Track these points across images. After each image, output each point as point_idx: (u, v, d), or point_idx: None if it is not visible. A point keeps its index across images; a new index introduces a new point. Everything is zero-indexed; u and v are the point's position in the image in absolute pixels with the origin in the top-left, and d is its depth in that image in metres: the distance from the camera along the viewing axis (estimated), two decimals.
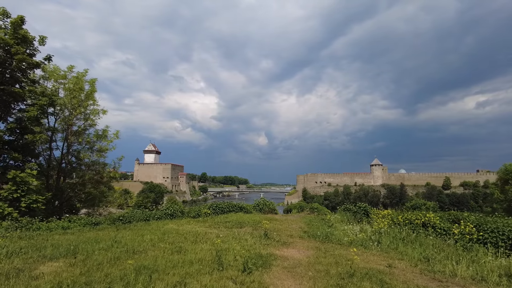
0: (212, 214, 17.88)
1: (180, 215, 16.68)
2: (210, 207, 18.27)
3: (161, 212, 16.19)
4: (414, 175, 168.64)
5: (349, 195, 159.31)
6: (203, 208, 18.10)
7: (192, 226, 14.24)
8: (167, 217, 16.13)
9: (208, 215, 17.59)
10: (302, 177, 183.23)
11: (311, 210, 21.75)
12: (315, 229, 14.22)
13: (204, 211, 17.14)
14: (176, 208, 16.77)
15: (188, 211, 17.39)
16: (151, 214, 15.81)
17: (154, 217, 15.72)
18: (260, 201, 21.13)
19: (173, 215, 16.35)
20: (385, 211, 13.61)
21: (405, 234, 11.47)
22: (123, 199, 25.76)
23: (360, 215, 18.45)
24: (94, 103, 24.82)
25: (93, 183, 25.64)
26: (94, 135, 25.76)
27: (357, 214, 18.60)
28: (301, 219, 18.46)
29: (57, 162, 24.61)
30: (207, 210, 17.79)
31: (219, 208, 18.42)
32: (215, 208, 18.32)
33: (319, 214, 20.89)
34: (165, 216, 16.08)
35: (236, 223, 15.18)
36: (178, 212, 16.64)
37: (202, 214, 17.05)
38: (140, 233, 11.92)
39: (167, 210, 16.44)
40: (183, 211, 17.07)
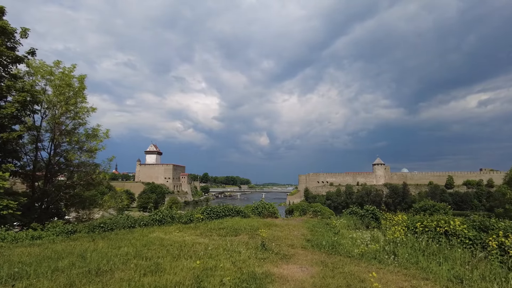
0: (206, 219, 16.20)
1: (170, 221, 15.00)
2: (204, 211, 16.58)
3: (148, 218, 14.50)
4: (417, 174, 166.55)
5: (351, 194, 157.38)
6: (196, 212, 16.42)
7: (180, 234, 12.57)
8: (155, 223, 14.46)
9: (201, 220, 15.92)
10: (304, 177, 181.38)
11: (314, 213, 20.05)
12: (319, 237, 12.51)
13: (197, 216, 15.44)
14: (165, 213, 15.08)
15: (179, 216, 15.69)
16: (137, 220, 14.14)
17: (140, 224, 14.06)
18: (259, 204, 19.42)
19: (162, 221, 14.67)
20: (399, 216, 11.89)
21: (425, 245, 9.77)
22: (117, 201, 23.94)
23: (368, 219, 16.74)
24: (83, 101, 23.21)
25: (81, 185, 24.02)
26: (83, 134, 24.20)
27: (365, 218, 16.90)
28: (303, 223, 16.77)
29: (45, 163, 23.04)
30: (200, 214, 16.11)
31: (214, 212, 16.73)
32: (209, 212, 16.62)
33: (323, 218, 19.19)
34: (152, 222, 14.41)
35: (231, 230, 13.51)
36: (167, 217, 14.96)
37: (194, 220, 15.36)
38: (118, 244, 10.26)
39: (155, 215, 14.75)
40: (173, 216, 15.38)
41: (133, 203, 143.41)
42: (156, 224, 14.41)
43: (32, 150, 22.56)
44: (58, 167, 23.13)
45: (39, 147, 22.69)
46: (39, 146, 22.62)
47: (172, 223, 15.10)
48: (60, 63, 22.35)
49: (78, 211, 23.45)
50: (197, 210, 17.19)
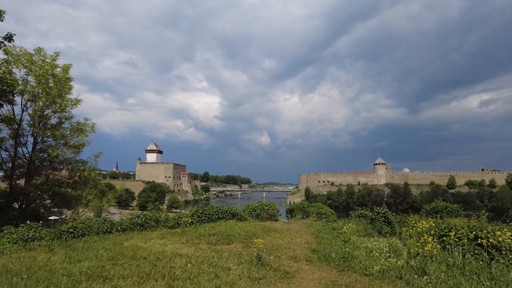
0: (196, 222, 14.17)
1: (153, 225, 12.97)
2: (194, 214, 14.54)
3: (129, 222, 12.47)
4: (418, 174, 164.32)
5: (353, 194, 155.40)
6: (184, 216, 14.37)
7: (162, 242, 10.56)
8: (136, 227, 12.43)
9: (191, 224, 13.89)
10: (305, 176, 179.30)
11: (318, 215, 18.00)
12: (327, 246, 10.47)
13: (185, 219, 13.38)
14: (148, 216, 13.05)
15: (165, 219, 13.66)
16: (114, 224, 12.11)
17: (118, 228, 12.03)
18: (257, 205, 17.36)
19: (144, 225, 12.64)
20: (423, 222, 9.80)
21: (462, 261, 7.72)
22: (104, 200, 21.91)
23: (380, 223, 14.68)
24: (67, 92, 21.18)
25: (67, 184, 21.99)
26: (69, 128, 22.18)
27: (376, 222, 14.84)
28: (306, 228, 14.73)
29: (26, 160, 21.04)
30: (189, 218, 14.06)
31: (206, 215, 14.68)
32: (200, 215, 14.57)
33: (328, 221, 17.15)
34: (133, 227, 12.38)
35: (223, 236, 11.48)
36: (151, 221, 12.93)
37: (182, 224, 13.32)
38: (79, 256, 8.24)
39: (136, 218, 12.71)
40: (157, 220, 13.34)
41: (133, 202, 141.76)
42: (138, 229, 12.39)
43: (13, 145, 20.59)
44: (41, 164, 21.12)
45: (21, 142, 20.71)
46: (21, 141, 20.65)
47: (157, 228, 13.09)
48: (42, 50, 20.33)
49: (62, 212, 21.43)
50: (186, 212, 15.15)
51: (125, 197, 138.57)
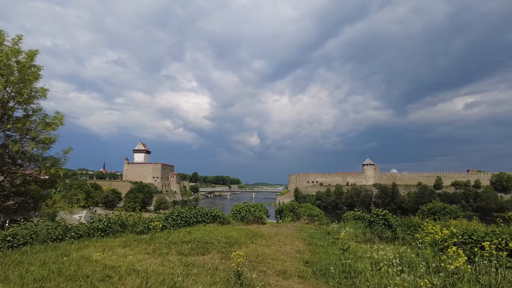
0: (171, 226, 12.15)
1: (119, 230, 10.93)
2: (169, 217, 12.51)
3: (87, 227, 10.40)
4: (406, 174, 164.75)
5: (341, 195, 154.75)
6: (156, 219, 12.31)
7: (123, 252, 8.55)
8: (96, 233, 10.37)
9: (164, 228, 11.88)
10: (294, 176, 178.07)
11: (310, 218, 16.14)
12: (323, 256, 8.61)
13: (154, 224, 11.32)
14: (113, 220, 10.99)
15: (133, 223, 11.61)
16: (70, 230, 10.03)
17: (73, 234, 9.95)
18: (243, 207, 15.40)
19: (107, 230, 10.59)
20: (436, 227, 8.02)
21: (496, 279, 5.97)
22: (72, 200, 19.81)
23: (380, 226, 12.91)
24: (33, 81, 18.87)
25: (31, 182, 19.70)
26: (35, 121, 19.85)
27: (375, 226, 13.06)
28: (297, 232, 12.88)
29: None
30: (160, 222, 12.02)
31: (182, 218, 12.66)
32: (176, 218, 12.53)
33: (321, 224, 15.34)
34: (92, 232, 10.32)
35: (199, 244, 9.53)
36: (115, 225, 10.88)
37: (152, 228, 11.28)
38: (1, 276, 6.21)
39: (97, 223, 10.63)
40: (124, 224, 11.28)
41: (120, 202, 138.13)
42: (98, 235, 10.33)
43: None
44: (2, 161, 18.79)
45: None
46: None
47: (122, 233, 11.04)
48: (3, 34, 18.02)
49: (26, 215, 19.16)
50: (159, 215, 13.11)
51: (112, 197, 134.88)
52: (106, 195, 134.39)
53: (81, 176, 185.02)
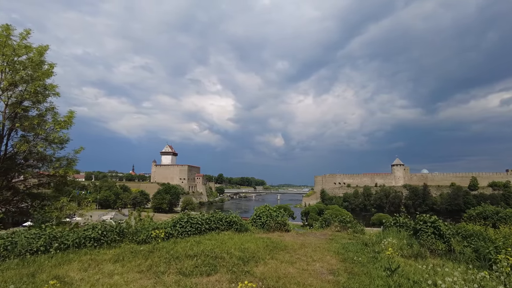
0: (179, 235, 10.34)
1: (116, 239, 9.24)
2: (177, 223, 10.73)
3: (77, 235, 8.73)
4: (438, 175, 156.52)
5: (370, 196, 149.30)
6: (162, 226, 10.50)
7: (111, 270, 6.78)
8: (88, 243, 8.70)
9: (170, 237, 10.08)
10: (320, 178, 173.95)
11: (342, 224, 13.81)
12: (364, 279, 6.44)
13: (155, 233, 9.50)
14: (109, 228, 9.29)
15: (134, 231, 9.87)
16: (57, 239, 8.40)
17: (61, 246, 8.31)
18: (263, 211, 13.35)
19: (101, 240, 8.91)
20: None
21: None
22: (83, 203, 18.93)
23: (429, 236, 10.49)
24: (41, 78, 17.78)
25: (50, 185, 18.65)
26: (51, 122, 18.80)
27: (423, 235, 10.65)
28: (328, 243, 10.71)
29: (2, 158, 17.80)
30: (169, 228, 10.24)
31: (192, 225, 10.82)
32: (185, 224, 10.71)
33: (355, 232, 13.04)
34: (84, 243, 8.66)
35: (207, 259, 7.62)
36: (111, 233, 9.19)
37: (152, 238, 9.49)
38: None
39: (89, 231, 8.94)
40: (122, 232, 9.56)
41: (148, 203, 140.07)
42: (90, 245, 8.65)
43: None
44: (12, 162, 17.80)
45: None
46: None
47: (121, 243, 9.33)
48: (10, 28, 17.04)
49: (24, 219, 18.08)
50: (167, 220, 11.30)
51: (140, 199, 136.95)
52: (134, 196, 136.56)
53: (111, 178, 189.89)
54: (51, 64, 18.94)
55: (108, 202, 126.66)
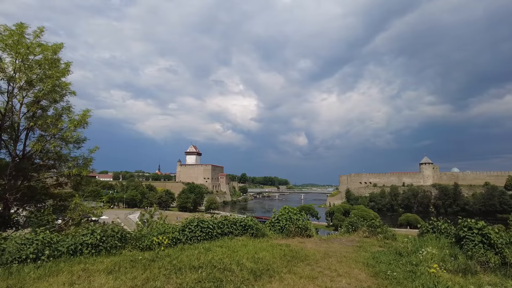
0: (186, 240, 9.32)
1: (117, 245, 8.33)
2: (187, 227, 9.71)
3: (73, 241, 7.86)
4: (470, 174, 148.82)
5: (397, 196, 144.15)
6: (171, 230, 9.49)
7: (101, 284, 5.83)
8: (85, 249, 7.82)
9: (177, 243, 9.07)
10: (345, 177, 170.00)
11: (370, 229, 12.30)
12: None
13: (158, 239, 8.51)
14: (109, 233, 8.37)
15: (137, 236, 8.93)
16: (51, 246, 7.56)
17: (54, 253, 7.47)
18: (282, 214, 12.12)
19: (99, 247, 8.01)
20: None
21: None
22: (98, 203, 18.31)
23: (476, 246, 8.89)
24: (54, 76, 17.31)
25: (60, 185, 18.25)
26: (69, 121, 18.39)
27: (468, 244, 9.07)
28: (355, 252, 9.34)
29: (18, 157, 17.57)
30: (177, 233, 9.24)
31: (203, 229, 9.77)
32: (194, 229, 9.67)
33: (386, 238, 11.55)
34: (80, 249, 7.78)
35: (214, 271, 6.53)
36: (112, 239, 8.28)
37: (155, 244, 8.48)
38: None
39: (86, 236, 8.04)
40: (124, 238, 8.62)
41: (173, 202, 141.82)
42: (88, 252, 7.77)
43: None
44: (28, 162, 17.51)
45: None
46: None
47: (122, 249, 8.40)
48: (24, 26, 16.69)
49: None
50: (177, 223, 10.29)
51: (165, 198, 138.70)
52: (160, 195, 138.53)
53: (137, 178, 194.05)
54: (67, 62, 18.54)
55: (134, 202, 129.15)
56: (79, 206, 15.70)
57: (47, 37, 17.25)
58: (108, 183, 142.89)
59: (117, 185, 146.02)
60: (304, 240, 10.91)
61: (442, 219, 11.25)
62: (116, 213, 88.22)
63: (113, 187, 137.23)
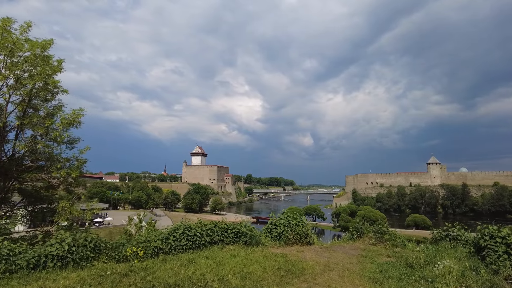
0: (169, 250, 8.27)
1: (90, 257, 7.33)
2: (172, 235, 8.65)
3: (36, 253, 6.84)
4: (478, 174, 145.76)
5: (404, 196, 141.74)
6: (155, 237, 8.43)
7: None
8: (50, 263, 6.82)
9: (159, 253, 8.03)
10: (352, 177, 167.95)
11: (377, 235, 11.09)
12: None
13: (132, 250, 7.45)
14: (80, 243, 7.35)
15: (115, 245, 7.91)
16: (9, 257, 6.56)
17: (12, 268, 6.47)
18: (280, 219, 10.99)
19: (67, 258, 7.00)
20: None
21: None
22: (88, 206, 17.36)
23: (500, 257, 7.70)
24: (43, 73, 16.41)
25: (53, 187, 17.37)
26: (61, 120, 17.52)
27: (491, 255, 7.87)
28: (360, 263, 8.20)
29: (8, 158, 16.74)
30: (159, 243, 8.20)
31: (189, 237, 8.72)
32: (179, 237, 8.62)
33: (394, 245, 10.39)
34: (44, 262, 6.78)
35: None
36: (84, 249, 7.25)
37: (130, 256, 7.45)
38: None
39: (53, 247, 7.00)
40: (99, 247, 7.60)
41: (178, 203, 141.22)
42: (52, 266, 6.76)
43: None
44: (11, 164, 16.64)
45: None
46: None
47: (95, 261, 7.38)
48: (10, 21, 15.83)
49: None
50: (163, 230, 9.21)
51: (171, 199, 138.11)
52: (165, 196, 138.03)
53: (144, 179, 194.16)
54: (60, 60, 17.68)
55: (140, 202, 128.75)
56: (67, 209, 14.78)
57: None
58: (114, 184, 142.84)
59: (123, 186, 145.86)
60: (303, 248, 9.79)
61: (458, 225, 10.04)
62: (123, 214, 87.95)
63: (118, 188, 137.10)
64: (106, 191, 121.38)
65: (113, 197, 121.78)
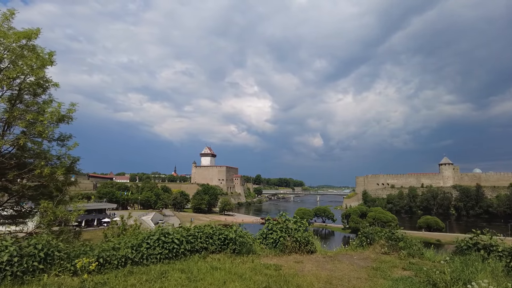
0: (140, 260, 6.89)
1: (39, 268, 5.98)
2: (145, 241, 7.27)
3: None
4: (493, 175, 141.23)
5: (415, 197, 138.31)
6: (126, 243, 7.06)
7: None
8: None
9: (127, 263, 6.66)
10: (362, 178, 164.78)
11: (390, 242, 9.45)
12: None
13: (83, 262, 6.04)
14: (28, 251, 6.00)
15: (69, 253, 6.55)
16: None
17: None
18: (277, 223, 9.47)
19: (6, 272, 5.67)
20: None
21: None
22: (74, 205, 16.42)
23: None
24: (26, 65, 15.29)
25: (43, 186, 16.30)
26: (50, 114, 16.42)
27: None
28: (370, 278, 6.64)
29: None
30: (127, 251, 6.82)
31: (166, 244, 7.30)
32: (153, 244, 7.22)
33: (411, 255, 8.78)
34: None
35: None
36: (32, 260, 5.90)
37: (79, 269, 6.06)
38: None
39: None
40: (51, 256, 6.25)
41: (187, 204, 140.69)
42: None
43: None
44: None
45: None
46: None
47: (44, 273, 6.01)
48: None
49: None
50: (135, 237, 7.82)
51: (180, 199, 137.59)
52: (174, 197, 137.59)
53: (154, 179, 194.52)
54: (51, 52, 16.59)
55: (149, 203, 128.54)
56: (49, 210, 13.57)
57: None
58: (124, 185, 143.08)
59: (132, 186, 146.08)
60: (303, 258, 8.26)
61: (488, 232, 8.38)
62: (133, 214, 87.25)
63: (128, 188, 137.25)
64: (115, 191, 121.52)
65: (122, 198, 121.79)
